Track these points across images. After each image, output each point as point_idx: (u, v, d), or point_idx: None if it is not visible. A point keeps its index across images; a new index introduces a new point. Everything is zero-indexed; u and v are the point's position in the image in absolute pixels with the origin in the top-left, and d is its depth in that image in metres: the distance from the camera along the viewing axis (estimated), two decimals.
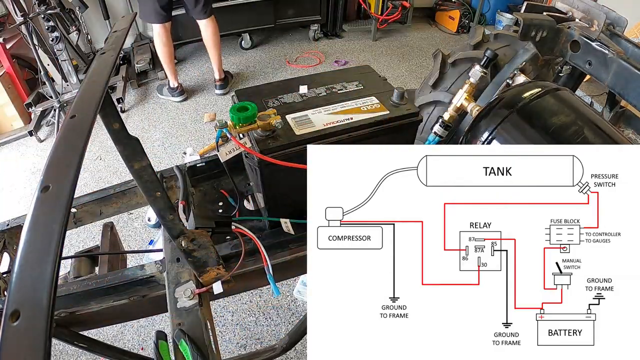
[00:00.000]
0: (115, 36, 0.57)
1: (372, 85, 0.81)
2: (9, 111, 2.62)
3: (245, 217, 0.82)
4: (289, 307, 1.63)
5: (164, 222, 0.60)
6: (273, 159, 0.64)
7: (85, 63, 2.84)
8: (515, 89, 0.70)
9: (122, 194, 0.88)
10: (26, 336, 0.28)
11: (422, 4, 3.96)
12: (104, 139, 2.46)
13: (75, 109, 0.43)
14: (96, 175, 2.30)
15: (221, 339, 1.54)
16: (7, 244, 0.82)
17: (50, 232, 0.32)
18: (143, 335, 1.57)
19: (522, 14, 1.03)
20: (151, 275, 0.71)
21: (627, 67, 0.81)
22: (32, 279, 0.30)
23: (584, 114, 0.64)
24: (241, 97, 0.79)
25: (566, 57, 0.95)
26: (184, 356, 0.56)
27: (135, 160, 0.55)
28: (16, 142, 2.61)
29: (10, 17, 2.43)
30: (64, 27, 2.52)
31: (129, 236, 1.94)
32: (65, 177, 0.35)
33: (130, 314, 0.82)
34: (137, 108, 2.83)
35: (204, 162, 0.91)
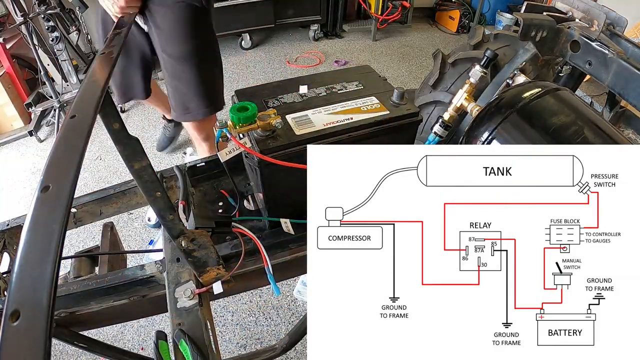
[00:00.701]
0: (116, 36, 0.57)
1: (372, 85, 0.81)
2: (9, 111, 2.62)
3: (245, 217, 0.82)
4: (289, 307, 1.63)
5: (164, 222, 0.60)
6: (273, 159, 0.64)
7: (85, 63, 2.84)
8: (515, 89, 0.70)
9: (122, 194, 0.87)
10: (26, 336, 0.28)
11: (422, 4, 3.96)
12: (104, 139, 2.46)
13: (75, 109, 0.43)
14: (96, 175, 2.30)
15: (221, 339, 1.54)
16: (7, 244, 0.82)
17: (50, 232, 0.32)
18: (143, 335, 1.57)
19: (522, 14, 1.03)
20: (151, 275, 0.71)
21: (627, 67, 0.81)
22: (32, 279, 0.30)
23: (584, 114, 0.64)
24: (241, 97, 0.79)
25: (566, 57, 0.95)
26: (184, 356, 0.56)
27: (135, 160, 0.55)
28: (16, 142, 2.61)
29: (10, 17, 2.43)
30: (64, 27, 2.52)
31: (129, 236, 1.94)
32: (65, 177, 0.35)
33: (130, 314, 0.82)
34: (137, 108, 2.83)
35: (204, 162, 0.91)
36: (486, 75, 0.76)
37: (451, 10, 3.76)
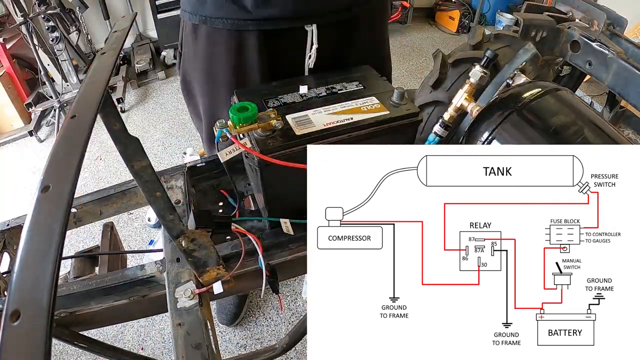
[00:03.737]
0: (115, 36, 0.57)
1: (372, 85, 0.81)
2: (9, 111, 2.62)
3: (245, 217, 0.82)
4: (289, 307, 1.63)
5: (164, 222, 0.60)
6: (273, 159, 0.64)
7: (85, 63, 2.84)
8: (515, 89, 0.70)
9: (122, 194, 0.87)
10: (26, 336, 0.28)
11: (422, 4, 3.95)
12: (104, 139, 2.46)
13: (75, 109, 0.43)
14: (96, 175, 2.30)
15: (221, 339, 1.54)
16: (7, 244, 0.82)
17: (50, 232, 0.32)
18: (143, 335, 1.57)
19: (522, 14, 1.03)
20: (151, 275, 0.71)
21: (627, 67, 0.81)
22: (32, 279, 0.30)
23: (584, 114, 0.64)
24: (241, 97, 0.79)
25: (566, 57, 0.95)
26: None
27: (135, 160, 0.55)
28: (16, 142, 2.61)
29: (10, 17, 2.43)
30: (64, 27, 2.53)
31: (129, 236, 1.94)
32: (65, 177, 0.35)
33: (130, 314, 0.82)
34: (137, 108, 2.83)
35: (204, 162, 0.91)
36: (486, 75, 0.76)
37: (451, 11, 3.75)
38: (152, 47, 3.24)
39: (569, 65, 1.00)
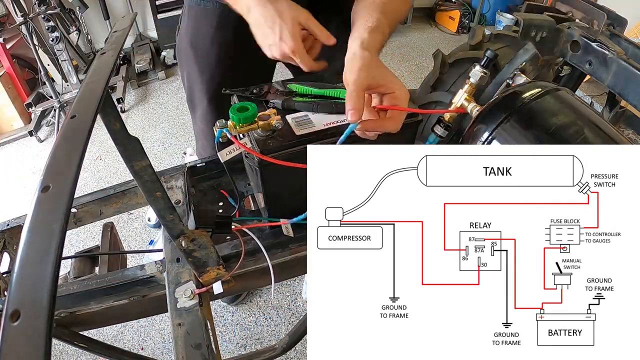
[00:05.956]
0: (115, 36, 0.57)
1: None
2: (9, 111, 2.62)
3: (245, 217, 0.82)
4: (289, 307, 1.63)
5: (164, 222, 0.60)
6: (273, 159, 0.64)
7: (85, 63, 2.84)
8: (515, 89, 0.70)
9: (122, 194, 0.87)
10: (26, 336, 0.28)
11: (422, 4, 3.96)
12: (104, 139, 2.46)
13: (75, 109, 0.43)
14: (96, 175, 2.30)
15: (221, 339, 1.54)
16: (7, 244, 0.82)
17: (50, 232, 0.32)
18: (143, 335, 1.57)
19: (522, 14, 1.03)
20: (151, 275, 0.71)
21: (627, 67, 0.81)
22: (32, 279, 0.30)
23: (584, 114, 0.64)
24: (241, 97, 0.79)
25: (566, 57, 0.95)
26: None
27: (135, 160, 0.55)
28: (16, 142, 2.61)
29: (10, 17, 2.43)
30: (64, 27, 2.53)
31: (129, 236, 1.95)
32: (65, 177, 0.35)
33: (130, 314, 0.82)
34: (137, 108, 2.83)
35: (204, 162, 0.91)
36: (486, 75, 0.75)
37: (451, 11, 3.75)
38: (152, 47, 3.24)
39: (569, 65, 1.00)
